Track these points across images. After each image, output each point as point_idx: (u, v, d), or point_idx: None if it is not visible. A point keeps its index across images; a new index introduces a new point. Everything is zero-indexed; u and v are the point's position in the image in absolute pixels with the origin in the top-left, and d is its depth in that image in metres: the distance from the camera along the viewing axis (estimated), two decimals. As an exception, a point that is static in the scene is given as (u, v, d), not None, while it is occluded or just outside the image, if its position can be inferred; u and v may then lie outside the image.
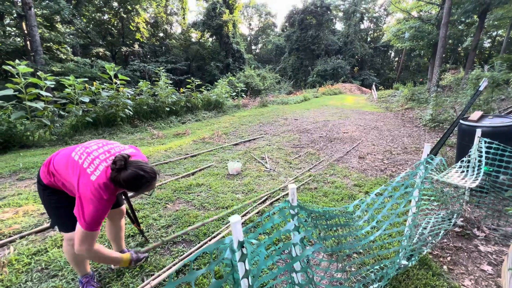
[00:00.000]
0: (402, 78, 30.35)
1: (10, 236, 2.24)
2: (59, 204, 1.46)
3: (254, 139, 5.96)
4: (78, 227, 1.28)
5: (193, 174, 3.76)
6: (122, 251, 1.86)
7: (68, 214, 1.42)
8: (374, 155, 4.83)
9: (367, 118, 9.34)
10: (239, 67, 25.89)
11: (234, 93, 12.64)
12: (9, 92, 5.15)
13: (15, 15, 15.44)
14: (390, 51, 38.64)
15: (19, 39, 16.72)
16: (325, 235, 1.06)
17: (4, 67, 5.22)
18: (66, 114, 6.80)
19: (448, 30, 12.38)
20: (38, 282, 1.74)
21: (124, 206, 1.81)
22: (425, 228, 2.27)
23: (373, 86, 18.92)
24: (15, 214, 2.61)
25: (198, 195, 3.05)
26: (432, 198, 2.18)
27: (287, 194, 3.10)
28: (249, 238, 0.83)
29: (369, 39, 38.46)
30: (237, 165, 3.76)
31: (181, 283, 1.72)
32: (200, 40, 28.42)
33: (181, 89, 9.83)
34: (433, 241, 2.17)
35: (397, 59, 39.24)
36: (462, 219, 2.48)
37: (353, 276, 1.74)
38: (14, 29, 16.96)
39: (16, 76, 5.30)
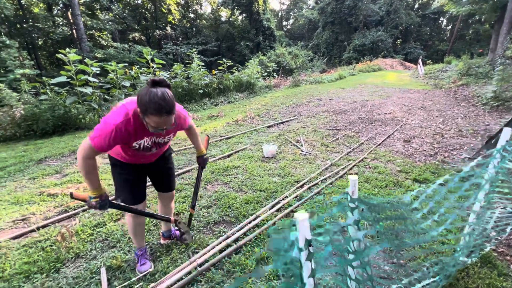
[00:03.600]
0: (454, 50, 26.61)
1: (74, 209, 2.53)
2: (123, 178, 1.57)
3: (287, 121, 5.82)
4: (86, 139, 1.28)
5: (229, 156, 3.82)
6: (169, 230, 1.99)
7: (130, 189, 1.59)
8: (422, 138, 4.39)
9: (412, 97, 8.48)
10: (269, 45, 25.01)
11: (266, 73, 12.34)
12: (63, 79, 5.65)
13: (61, 5, 16.61)
14: (441, 19, 33.77)
15: (66, 28, 18.10)
16: (385, 229, 0.97)
17: (57, 55, 5.70)
18: (110, 98, 7.30)
19: (522, -12, 10.25)
20: (100, 251, 1.96)
21: (174, 192, 1.91)
22: (487, 222, 2.02)
23: (419, 61, 16.96)
24: (76, 189, 2.93)
25: (235, 177, 3.10)
26: (509, 196, 1.88)
27: (325, 179, 2.99)
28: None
29: (416, 5, 33.85)
30: (272, 147, 3.71)
31: (225, 263, 1.79)
32: (230, 19, 27.82)
33: (213, 71, 9.85)
34: (498, 238, 1.93)
35: (449, 27, 34.26)
36: (535, 214, 2.15)
37: (402, 269, 1.63)
38: (61, 19, 18.33)
39: (68, 64, 5.76)
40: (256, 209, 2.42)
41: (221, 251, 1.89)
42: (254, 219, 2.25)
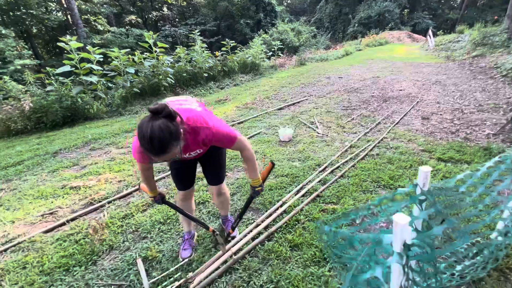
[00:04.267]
0: (465, 18, 25.20)
1: (99, 202, 2.55)
2: (172, 166, 1.70)
3: (298, 102, 5.67)
4: None
5: (244, 141, 3.75)
6: (225, 216, 2.04)
7: (175, 175, 1.72)
8: (441, 114, 4.26)
9: (425, 71, 8.17)
10: (271, 22, 23.96)
11: (270, 53, 11.90)
12: (67, 68, 5.50)
13: (53, -11, 15.87)
14: (452, -16, 31.69)
15: (60, 13, 17.46)
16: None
17: (59, 44, 5.50)
18: (114, 86, 7.13)
19: None
20: (133, 242, 1.98)
21: (223, 186, 1.80)
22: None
23: (429, 32, 16.15)
24: (98, 181, 2.94)
25: (254, 163, 3.06)
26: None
27: (346, 162, 2.94)
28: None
29: (425, -30, 31.59)
30: (288, 131, 3.64)
31: (259, 250, 1.79)
32: (228, -5, 26.45)
33: (216, 52, 9.51)
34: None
35: (461, -7, 32.16)
36: None
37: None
38: (55, 4, 17.60)
39: (69, 52, 5.57)
40: (281, 195, 2.41)
41: (253, 238, 1.90)
42: (281, 206, 2.24)
